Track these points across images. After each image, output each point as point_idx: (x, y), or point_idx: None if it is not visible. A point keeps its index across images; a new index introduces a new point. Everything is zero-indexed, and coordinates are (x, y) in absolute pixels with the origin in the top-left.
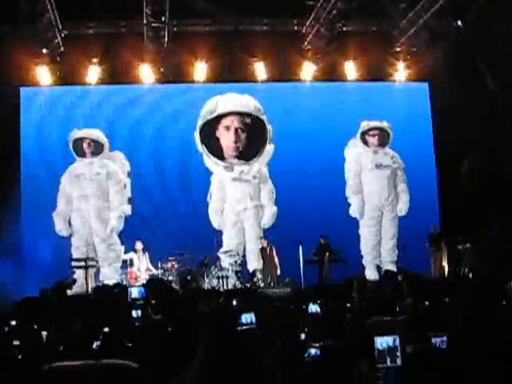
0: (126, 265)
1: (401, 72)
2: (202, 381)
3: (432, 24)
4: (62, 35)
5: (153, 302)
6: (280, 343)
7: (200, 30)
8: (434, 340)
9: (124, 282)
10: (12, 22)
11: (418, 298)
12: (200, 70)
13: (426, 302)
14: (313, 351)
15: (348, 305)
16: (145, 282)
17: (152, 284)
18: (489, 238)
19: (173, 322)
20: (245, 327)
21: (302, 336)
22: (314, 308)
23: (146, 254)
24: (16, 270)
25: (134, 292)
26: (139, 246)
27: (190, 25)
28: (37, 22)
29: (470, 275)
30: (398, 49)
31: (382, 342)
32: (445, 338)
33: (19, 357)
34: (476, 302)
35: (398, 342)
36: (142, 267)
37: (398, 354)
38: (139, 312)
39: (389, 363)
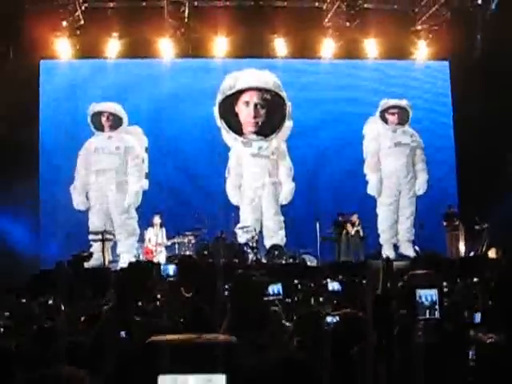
0: (143, 239)
1: (421, 50)
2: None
3: (453, 3)
4: (83, 8)
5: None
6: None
7: (220, 4)
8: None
9: (140, 257)
10: None
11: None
12: (220, 45)
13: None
14: (329, 319)
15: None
16: (161, 256)
17: (184, 262)
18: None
19: (204, 299)
20: (272, 297)
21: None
22: (334, 285)
23: (163, 228)
24: (33, 242)
25: (170, 269)
26: (157, 220)
27: (211, 0)
28: None
29: (490, 254)
30: (419, 27)
31: (422, 294)
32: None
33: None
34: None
35: (436, 296)
36: (159, 242)
37: (437, 307)
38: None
39: (428, 315)
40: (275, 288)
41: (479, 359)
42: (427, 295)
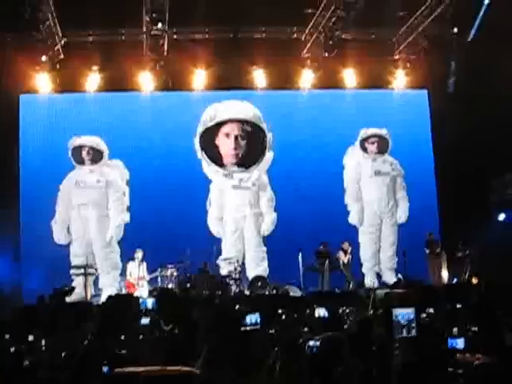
0: (125, 273)
1: (400, 79)
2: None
3: (431, 32)
4: (62, 43)
5: (163, 313)
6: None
7: (199, 37)
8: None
9: (123, 291)
10: (13, 30)
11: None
12: (199, 77)
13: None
14: (311, 343)
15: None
16: (144, 290)
17: (163, 295)
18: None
19: (183, 330)
20: (249, 327)
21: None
22: (321, 312)
23: (144, 262)
24: (14, 275)
25: (149, 303)
26: (138, 254)
27: (190, 32)
28: (37, 30)
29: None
30: (397, 56)
31: (399, 314)
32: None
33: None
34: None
35: (413, 315)
36: (141, 276)
37: (413, 325)
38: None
39: (405, 334)
40: (253, 318)
41: (468, 380)
42: (404, 314)
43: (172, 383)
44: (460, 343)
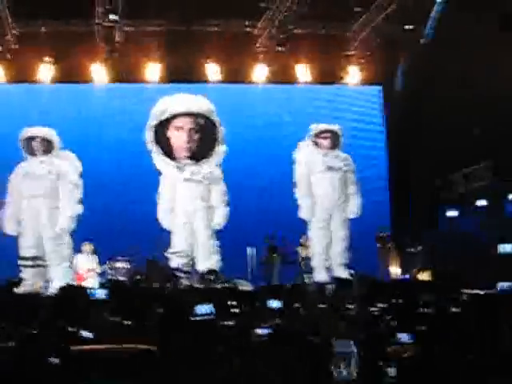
0: (74, 265)
1: (353, 75)
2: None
3: (384, 28)
4: (15, 33)
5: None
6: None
7: (152, 30)
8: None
9: (72, 283)
10: None
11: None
12: (152, 70)
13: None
14: (260, 330)
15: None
16: (93, 281)
17: (117, 288)
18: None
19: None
20: (200, 318)
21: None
22: (274, 303)
23: (95, 255)
24: None
25: (100, 294)
26: (87, 247)
27: (142, 24)
28: None
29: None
30: (351, 52)
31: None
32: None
33: None
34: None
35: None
36: (90, 268)
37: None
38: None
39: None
40: (205, 308)
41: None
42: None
43: (130, 360)
44: (406, 338)
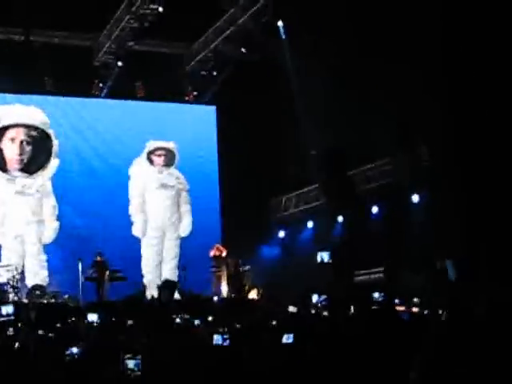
0: None
1: (190, 94)
2: None
3: (222, 49)
4: None
5: None
6: None
7: None
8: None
9: None
10: None
11: None
12: None
13: None
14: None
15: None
16: None
17: None
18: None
19: None
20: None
21: None
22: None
23: None
24: None
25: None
26: None
27: None
28: None
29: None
30: (189, 71)
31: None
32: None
33: None
34: None
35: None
36: None
37: None
38: None
39: None
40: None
41: None
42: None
43: None
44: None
